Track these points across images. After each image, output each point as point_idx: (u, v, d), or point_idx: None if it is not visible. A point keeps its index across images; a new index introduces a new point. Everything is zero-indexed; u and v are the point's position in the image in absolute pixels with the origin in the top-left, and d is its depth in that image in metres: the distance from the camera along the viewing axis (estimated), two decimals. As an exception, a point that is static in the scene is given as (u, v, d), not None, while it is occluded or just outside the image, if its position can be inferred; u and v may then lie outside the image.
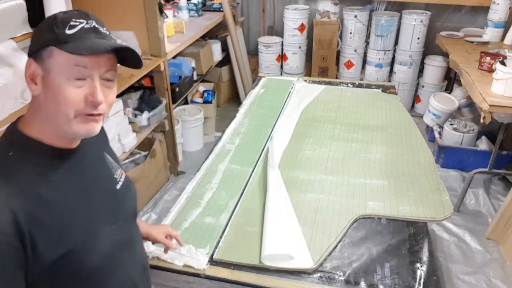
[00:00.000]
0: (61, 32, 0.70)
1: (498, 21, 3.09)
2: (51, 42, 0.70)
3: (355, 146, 1.86)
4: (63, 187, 0.75)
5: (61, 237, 0.72)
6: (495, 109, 2.15)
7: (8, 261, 0.65)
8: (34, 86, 0.72)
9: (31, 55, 0.72)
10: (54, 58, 0.70)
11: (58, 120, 0.72)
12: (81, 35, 0.71)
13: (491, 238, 2.31)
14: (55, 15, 0.73)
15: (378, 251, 1.29)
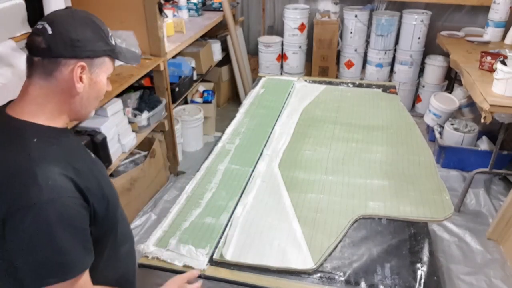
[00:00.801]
0: (113, 45, 0.89)
1: (499, 20, 3.09)
2: (109, 53, 0.87)
3: (355, 146, 1.86)
4: (79, 158, 0.88)
5: (97, 196, 0.86)
6: (496, 109, 2.15)
7: (84, 219, 0.81)
8: (80, 84, 0.84)
9: (82, 58, 0.82)
10: (106, 63, 0.88)
11: (91, 109, 0.91)
12: (116, 43, 0.91)
13: (492, 238, 2.31)
14: (97, 24, 0.86)
15: (378, 251, 1.29)
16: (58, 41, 0.79)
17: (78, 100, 0.86)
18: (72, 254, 0.78)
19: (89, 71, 0.84)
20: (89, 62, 0.84)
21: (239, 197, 1.53)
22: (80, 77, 0.83)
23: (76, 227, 0.79)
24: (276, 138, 1.92)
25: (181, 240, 1.30)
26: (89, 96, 0.87)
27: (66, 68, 0.81)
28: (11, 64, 2.05)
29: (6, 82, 1.98)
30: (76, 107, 0.87)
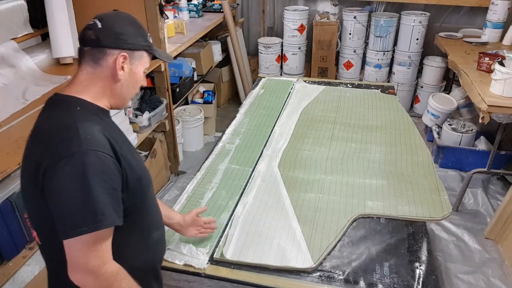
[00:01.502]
0: (149, 42, 1.00)
1: (497, 21, 3.10)
2: (147, 48, 0.99)
3: (354, 146, 1.87)
4: (117, 132, 0.98)
5: (132, 166, 0.93)
6: (494, 109, 2.16)
7: (116, 179, 0.87)
8: (122, 72, 0.94)
9: (124, 49, 0.93)
10: (143, 57, 0.99)
11: (128, 98, 1.00)
12: (152, 43, 1.01)
13: (490, 238, 2.32)
14: (139, 24, 0.99)
15: (377, 250, 1.30)
16: (105, 34, 0.92)
17: (118, 86, 0.96)
18: (103, 205, 0.82)
19: (130, 62, 0.95)
20: (130, 54, 0.94)
21: (239, 196, 1.54)
22: (122, 66, 0.93)
23: (109, 183, 0.84)
24: (276, 138, 1.93)
25: (181, 239, 1.32)
26: (128, 84, 0.97)
27: (110, 57, 0.92)
28: (12, 65, 2.06)
29: (7, 83, 1.99)
30: (117, 92, 0.97)
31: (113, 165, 0.86)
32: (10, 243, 1.48)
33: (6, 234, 1.46)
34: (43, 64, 2.26)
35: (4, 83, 1.97)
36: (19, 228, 1.51)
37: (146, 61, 1.01)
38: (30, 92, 1.96)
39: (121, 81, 0.96)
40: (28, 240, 1.56)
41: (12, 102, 1.86)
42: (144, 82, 1.03)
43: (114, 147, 0.89)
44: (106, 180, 0.84)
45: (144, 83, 1.03)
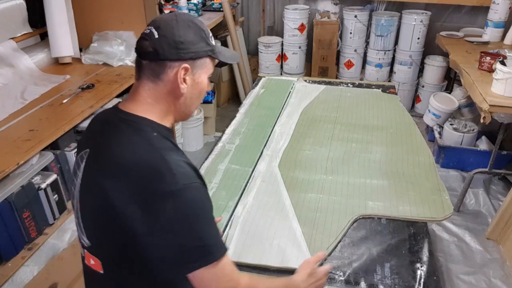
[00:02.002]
0: (213, 45, 0.90)
1: (498, 21, 3.09)
2: (210, 53, 0.89)
3: (355, 146, 1.86)
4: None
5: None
6: (495, 109, 2.15)
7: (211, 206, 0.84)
8: (184, 85, 0.87)
9: (185, 60, 0.85)
10: (207, 64, 0.90)
11: (193, 109, 0.93)
12: (215, 44, 0.92)
13: (491, 238, 2.31)
14: (199, 26, 0.88)
15: (378, 251, 1.30)
16: (164, 44, 0.83)
17: (182, 101, 0.89)
18: (211, 237, 0.80)
19: (192, 72, 0.87)
20: (192, 63, 0.86)
21: (239, 197, 1.53)
22: (183, 78, 0.85)
23: (209, 212, 0.82)
24: (276, 138, 1.93)
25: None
26: (192, 96, 0.90)
27: (171, 70, 0.84)
28: (11, 64, 2.05)
29: (6, 83, 1.99)
30: (181, 107, 0.90)
31: (206, 193, 0.85)
32: (9, 244, 1.48)
33: (5, 234, 1.45)
34: (42, 63, 2.25)
35: (2, 83, 1.97)
36: (18, 228, 1.50)
37: (210, 67, 0.91)
38: (29, 92, 1.95)
39: (184, 95, 0.88)
40: (27, 241, 1.56)
41: (11, 101, 1.85)
42: (209, 88, 0.95)
43: (199, 174, 0.85)
44: (207, 209, 0.82)
45: (209, 88, 0.95)
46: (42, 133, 1.62)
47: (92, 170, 0.85)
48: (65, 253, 1.68)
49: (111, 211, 0.79)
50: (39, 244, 1.58)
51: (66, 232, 1.74)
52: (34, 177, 1.59)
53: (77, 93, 1.98)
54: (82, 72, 2.25)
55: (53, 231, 1.65)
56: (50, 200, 1.62)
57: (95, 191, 0.83)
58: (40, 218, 1.60)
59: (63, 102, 1.89)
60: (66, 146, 1.79)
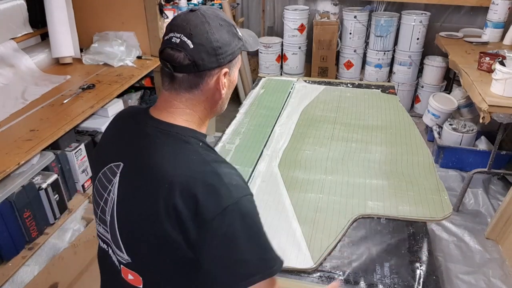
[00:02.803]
0: (241, 36, 0.83)
1: (498, 21, 3.10)
2: (242, 48, 0.83)
3: (354, 146, 1.87)
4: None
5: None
6: (494, 109, 2.16)
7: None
8: (224, 90, 0.83)
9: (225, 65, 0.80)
10: (239, 60, 0.85)
11: (227, 103, 0.89)
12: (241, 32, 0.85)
13: (491, 238, 2.32)
14: (227, 21, 0.80)
15: (377, 250, 1.30)
16: (203, 54, 0.76)
17: (220, 103, 0.87)
18: (270, 250, 0.79)
19: (229, 73, 0.83)
20: (230, 65, 0.82)
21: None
22: (223, 83, 0.82)
23: (262, 224, 0.80)
24: (276, 138, 1.93)
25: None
26: (228, 95, 0.87)
27: (211, 79, 0.79)
28: (12, 65, 2.06)
29: (7, 83, 1.99)
30: (217, 109, 0.88)
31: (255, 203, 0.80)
32: (10, 244, 1.48)
33: (6, 234, 1.45)
34: (43, 64, 2.26)
35: (3, 83, 1.97)
36: (18, 228, 1.51)
37: (240, 59, 0.86)
38: (30, 92, 1.96)
39: (223, 97, 0.85)
40: (28, 240, 1.56)
41: (11, 102, 1.85)
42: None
43: (245, 182, 0.82)
44: (260, 220, 0.80)
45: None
46: (43, 133, 1.62)
47: (134, 187, 0.78)
48: (65, 253, 1.69)
49: (163, 232, 0.74)
50: (39, 244, 1.58)
51: (67, 232, 1.74)
52: (35, 177, 1.60)
53: (78, 93, 1.98)
54: (82, 73, 2.26)
55: (54, 231, 1.66)
56: (50, 200, 1.62)
57: (143, 210, 0.77)
58: (40, 218, 1.60)
59: (63, 102, 1.89)
60: (66, 146, 1.80)
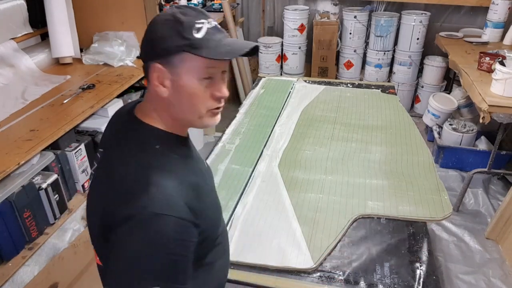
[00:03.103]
0: (193, 38, 0.73)
1: (498, 21, 3.10)
2: (186, 48, 0.72)
3: (354, 146, 1.87)
4: (197, 172, 0.84)
5: (209, 216, 0.82)
6: (494, 109, 2.16)
7: (184, 246, 0.73)
8: (163, 88, 0.76)
9: (156, 60, 0.74)
10: (187, 63, 0.73)
11: (190, 117, 0.78)
12: (209, 37, 0.74)
13: (491, 238, 2.32)
14: (175, 16, 0.74)
15: (377, 250, 1.30)
16: (144, 45, 0.77)
17: (171, 106, 0.77)
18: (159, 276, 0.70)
19: (169, 73, 0.74)
20: (166, 63, 0.74)
21: (239, 197, 1.54)
22: (161, 80, 0.75)
23: (174, 253, 0.72)
24: (276, 138, 1.93)
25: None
26: (180, 102, 0.76)
27: (150, 72, 0.76)
28: (12, 65, 2.06)
29: (7, 83, 1.99)
30: (178, 114, 0.78)
31: (183, 230, 0.72)
32: (10, 244, 1.48)
33: (6, 234, 1.45)
34: (43, 64, 2.26)
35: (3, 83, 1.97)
36: (18, 228, 1.51)
37: (195, 65, 0.73)
38: (30, 92, 1.96)
39: (168, 99, 0.76)
40: (28, 240, 1.56)
41: (11, 102, 1.85)
42: (221, 92, 0.77)
43: (191, 205, 0.75)
44: (171, 248, 0.71)
45: (221, 93, 0.77)
46: (43, 133, 1.62)
47: (99, 174, 0.83)
48: (65, 253, 1.69)
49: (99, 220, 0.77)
50: (39, 244, 1.58)
51: (67, 232, 1.74)
52: (35, 177, 1.60)
53: (78, 93, 1.98)
54: (82, 73, 2.26)
55: (54, 231, 1.66)
56: (50, 200, 1.62)
57: (96, 195, 0.82)
58: (40, 218, 1.60)
59: (63, 102, 1.89)
60: (66, 146, 1.80)
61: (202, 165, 0.92)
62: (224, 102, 0.81)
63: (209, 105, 0.78)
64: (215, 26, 0.77)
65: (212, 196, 0.90)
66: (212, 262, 0.92)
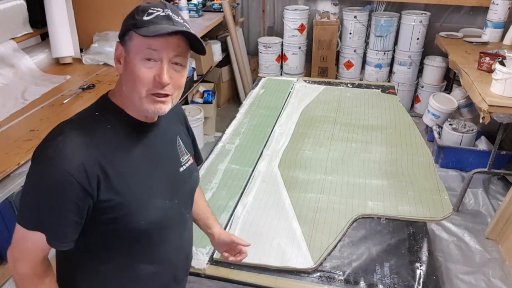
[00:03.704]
0: (140, 18, 0.79)
1: (498, 21, 3.10)
2: (131, 27, 0.79)
3: (354, 146, 1.87)
4: (134, 155, 0.85)
5: (120, 197, 0.81)
6: (494, 109, 2.16)
7: (64, 197, 0.76)
8: (119, 65, 0.83)
9: (119, 39, 0.82)
10: (133, 41, 0.79)
11: (133, 96, 0.81)
12: (155, 21, 0.79)
13: (491, 238, 2.32)
14: (140, 5, 0.82)
15: (377, 250, 1.30)
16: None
17: (124, 83, 0.82)
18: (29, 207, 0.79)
19: (123, 50, 0.81)
20: (122, 41, 0.81)
21: (239, 197, 1.54)
22: (118, 57, 0.82)
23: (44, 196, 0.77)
24: (276, 138, 1.93)
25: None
26: (127, 79, 0.81)
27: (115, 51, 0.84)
28: (12, 65, 2.06)
29: (7, 83, 1.99)
30: (125, 91, 0.83)
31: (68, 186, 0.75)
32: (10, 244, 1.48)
33: (6, 234, 1.45)
34: (43, 64, 2.26)
35: (3, 83, 1.97)
36: (18, 228, 1.51)
37: (136, 43, 0.78)
38: (30, 92, 1.96)
39: (122, 76, 0.82)
40: (28, 241, 1.56)
41: (11, 102, 1.85)
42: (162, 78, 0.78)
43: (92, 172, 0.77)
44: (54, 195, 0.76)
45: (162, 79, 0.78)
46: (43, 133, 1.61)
47: None
48: (65, 253, 1.68)
49: None
50: (39, 244, 1.58)
51: (67, 232, 1.74)
52: (35, 177, 1.59)
53: (78, 93, 1.98)
54: (82, 73, 2.26)
55: (54, 231, 1.65)
56: (50, 200, 1.62)
57: None
58: (40, 218, 1.60)
59: (63, 102, 1.89)
60: (66, 146, 1.79)
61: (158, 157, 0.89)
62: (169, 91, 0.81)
63: (149, 88, 0.80)
64: (167, 15, 0.80)
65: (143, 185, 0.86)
66: (133, 262, 0.90)
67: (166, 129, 0.93)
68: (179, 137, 0.99)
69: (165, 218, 0.91)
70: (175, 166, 0.95)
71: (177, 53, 0.80)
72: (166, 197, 0.91)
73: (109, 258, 0.89)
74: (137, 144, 0.86)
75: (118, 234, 0.85)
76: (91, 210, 0.80)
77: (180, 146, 0.98)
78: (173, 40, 0.79)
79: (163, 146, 0.93)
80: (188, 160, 0.99)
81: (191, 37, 0.81)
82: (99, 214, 0.81)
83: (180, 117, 1.03)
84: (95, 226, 0.83)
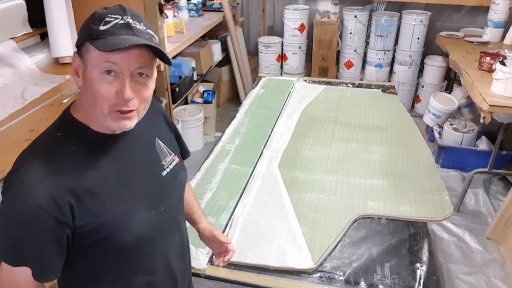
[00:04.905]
0: (96, 28, 0.72)
1: (498, 21, 3.10)
2: (87, 38, 0.72)
3: (355, 146, 1.86)
4: (105, 171, 0.79)
5: (98, 218, 0.77)
6: (495, 109, 2.15)
7: (40, 232, 0.72)
8: (77, 78, 0.76)
9: (77, 49, 0.75)
10: (90, 53, 0.72)
11: (95, 112, 0.75)
12: (112, 31, 0.72)
13: (491, 238, 2.31)
14: (96, 11, 0.74)
15: (378, 251, 1.30)
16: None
17: (84, 97, 0.76)
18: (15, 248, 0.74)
19: (81, 62, 0.74)
20: (79, 52, 0.74)
21: (239, 197, 1.53)
22: (76, 70, 0.75)
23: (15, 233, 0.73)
24: (276, 138, 1.93)
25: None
26: (87, 94, 0.74)
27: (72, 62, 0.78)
28: (11, 65, 2.06)
29: (6, 83, 1.99)
30: (86, 106, 0.77)
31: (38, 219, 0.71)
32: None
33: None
34: (42, 63, 2.25)
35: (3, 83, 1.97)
36: (17, 228, 1.50)
37: (93, 56, 0.71)
38: (29, 92, 1.95)
39: (82, 90, 0.76)
40: (27, 241, 1.56)
41: (11, 102, 1.85)
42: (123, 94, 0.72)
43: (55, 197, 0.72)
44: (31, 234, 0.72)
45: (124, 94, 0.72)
46: (42, 133, 1.62)
47: None
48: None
49: None
50: (39, 244, 1.57)
51: (66, 232, 1.73)
52: (34, 177, 1.59)
53: (77, 93, 1.98)
54: (82, 72, 2.25)
55: (53, 231, 1.65)
56: (50, 200, 1.62)
57: None
58: (40, 218, 1.60)
59: (63, 102, 1.89)
60: (66, 146, 1.79)
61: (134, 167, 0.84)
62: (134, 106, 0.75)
63: (112, 104, 0.73)
64: (127, 23, 0.73)
65: (121, 200, 0.81)
66: (126, 277, 0.87)
67: (140, 134, 0.86)
68: (158, 138, 0.92)
69: (153, 228, 0.86)
70: (156, 172, 0.89)
71: (140, 65, 0.74)
72: (150, 206, 0.85)
73: (103, 277, 0.86)
74: (108, 159, 0.80)
75: (106, 254, 0.81)
76: (71, 238, 0.76)
77: (161, 148, 0.92)
78: (134, 51, 0.72)
79: (139, 153, 0.86)
80: (172, 160, 0.93)
81: (153, 49, 0.75)
82: (81, 239, 0.77)
83: (157, 116, 0.96)
84: (81, 251, 0.79)
